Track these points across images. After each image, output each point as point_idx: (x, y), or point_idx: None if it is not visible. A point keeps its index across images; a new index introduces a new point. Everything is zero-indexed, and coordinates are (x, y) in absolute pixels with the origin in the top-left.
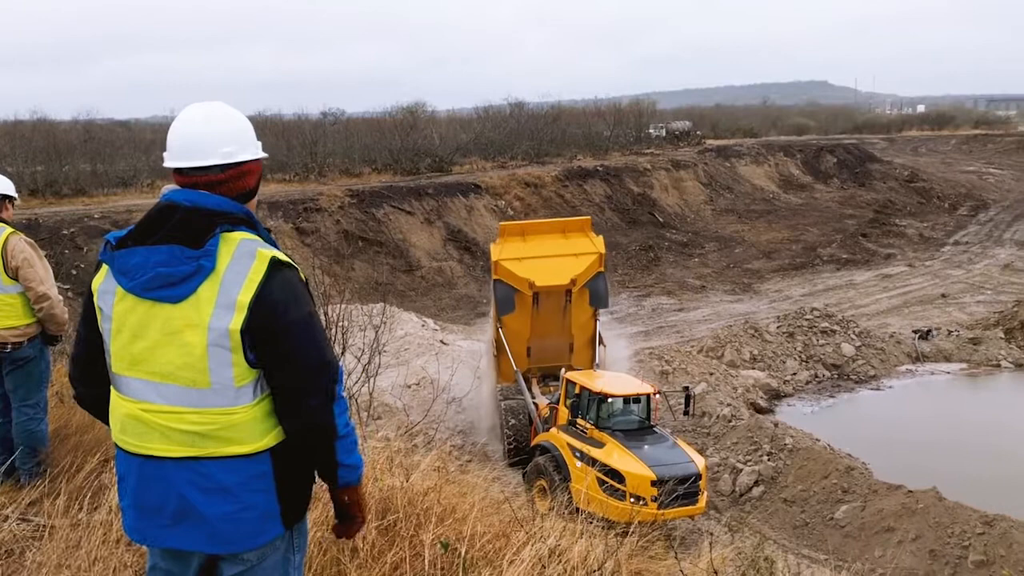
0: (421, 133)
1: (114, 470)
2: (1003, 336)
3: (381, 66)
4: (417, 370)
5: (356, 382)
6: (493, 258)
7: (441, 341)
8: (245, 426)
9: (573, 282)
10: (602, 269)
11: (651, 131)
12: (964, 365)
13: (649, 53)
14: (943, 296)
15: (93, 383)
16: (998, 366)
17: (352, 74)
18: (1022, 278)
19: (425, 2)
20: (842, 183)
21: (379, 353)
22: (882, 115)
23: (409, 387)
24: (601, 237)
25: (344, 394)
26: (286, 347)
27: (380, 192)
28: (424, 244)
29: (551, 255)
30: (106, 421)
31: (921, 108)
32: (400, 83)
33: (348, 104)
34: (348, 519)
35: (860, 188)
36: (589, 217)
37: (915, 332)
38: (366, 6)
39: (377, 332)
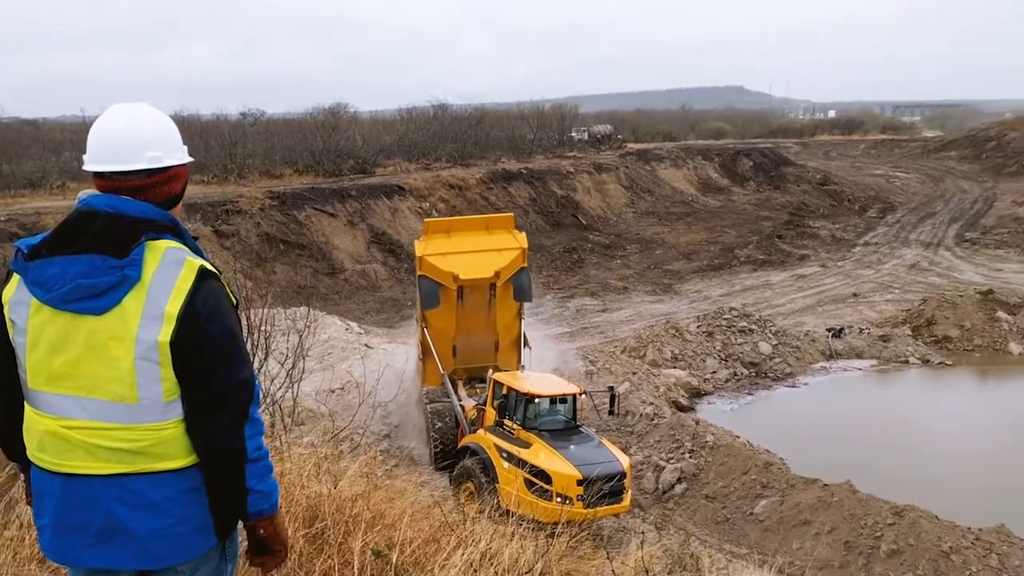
0: (343, 134)
1: (24, 487)
2: (911, 334)
3: (302, 67)
4: (342, 374)
5: (280, 387)
6: (417, 254)
7: (366, 344)
8: (175, 441)
9: (497, 275)
10: (525, 265)
11: (573, 135)
12: (875, 362)
13: (571, 58)
14: (854, 295)
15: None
16: (906, 362)
17: (272, 75)
18: (928, 277)
19: (348, 3)
20: (758, 186)
21: (303, 358)
22: (795, 120)
23: (334, 392)
24: (524, 233)
25: (260, 416)
26: (205, 361)
27: (302, 194)
28: (347, 247)
29: (475, 250)
30: (12, 439)
31: (832, 113)
32: (321, 84)
33: (268, 105)
34: (265, 552)
35: (775, 191)
36: (512, 214)
37: (828, 330)
38: (287, 5)
39: (301, 336)
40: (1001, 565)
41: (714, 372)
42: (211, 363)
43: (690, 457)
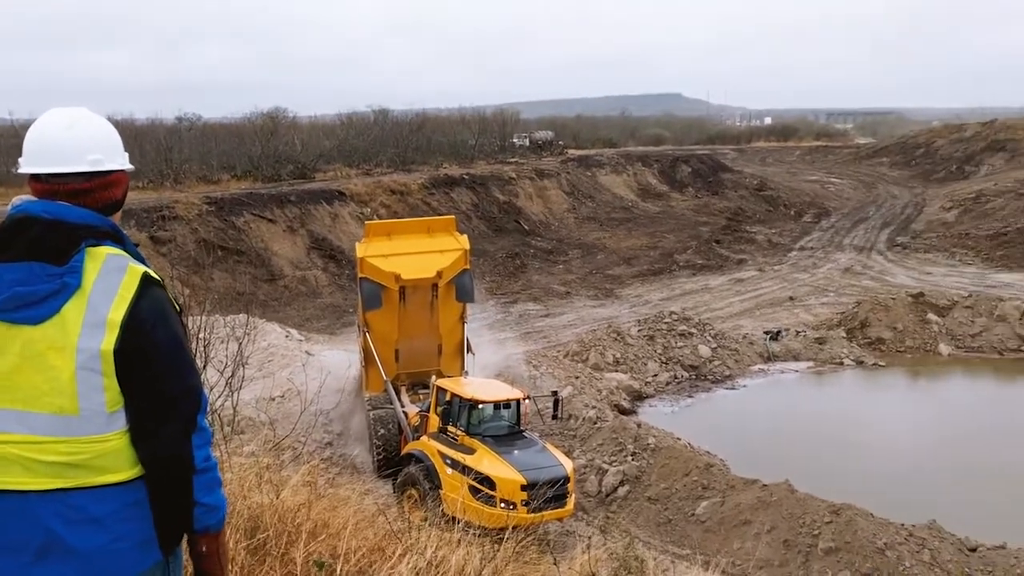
0: (282, 139)
1: None
2: (845, 336)
3: (239, 71)
4: (282, 382)
5: (219, 396)
6: (358, 255)
7: (307, 352)
8: (118, 453)
9: (439, 275)
10: (467, 266)
11: (515, 140)
12: (811, 363)
13: (511, 64)
14: (791, 299)
15: None
16: (841, 364)
17: (205, 77)
18: (861, 281)
19: (284, 6)
20: (696, 192)
21: (243, 366)
22: (732, 127)
23: (274, 400)
24: (465, 235)
25: (208, 425)
26: (151, 370)
27: (240, 199)
28: (287, 253)
29: (417, 252)
30: None
31: (768, 120)
32: (259, 88)
33: (205, 109)
34: (206, 571)
35: (713, 196)
36: (453, 217)
37: (766, 333)
38: (221, 8)
39: (240, 344)
40: (933, 560)
41: (655, 375)
42: (158, 371)
43: (632, 460)
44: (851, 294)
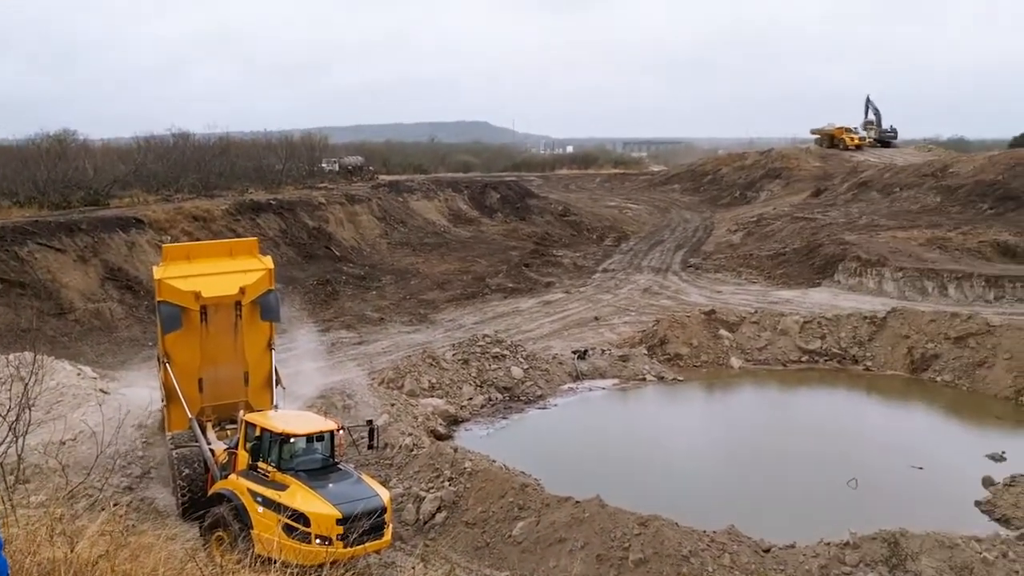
0: (72, 164)
1: None
2: (646, 352)
3: (23, 89)
4: (75, 424)
5: (1, 443)
6: (156, 278)
7: (101, 390)
8: None
9: (243, 292)
10: (272, 286)
11: (324, 166)
12: (616, 380)
13: (318, 89)
14: (596, 319)
15: None
16: (644, 379)
17: None
18: (659, 300)
19: (73, 22)
20: (505, 217)
21: (28, 408)
22: (537, 155)
23: (65, 444)
24: (270, 257)
25: None
26: None
27: (23, 228)
28: (78, 284)
29: (218, 272)
30: None
31: (570, 149)
32: (45, 107)
33: None
34: None
35: (521, 222)
36: (256, 239)
37: (574, 352)
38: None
39: (26, 385)
40: (733, 563)
41: (470, 399)
42: None
43: (450, 485)
44: (651, 313)
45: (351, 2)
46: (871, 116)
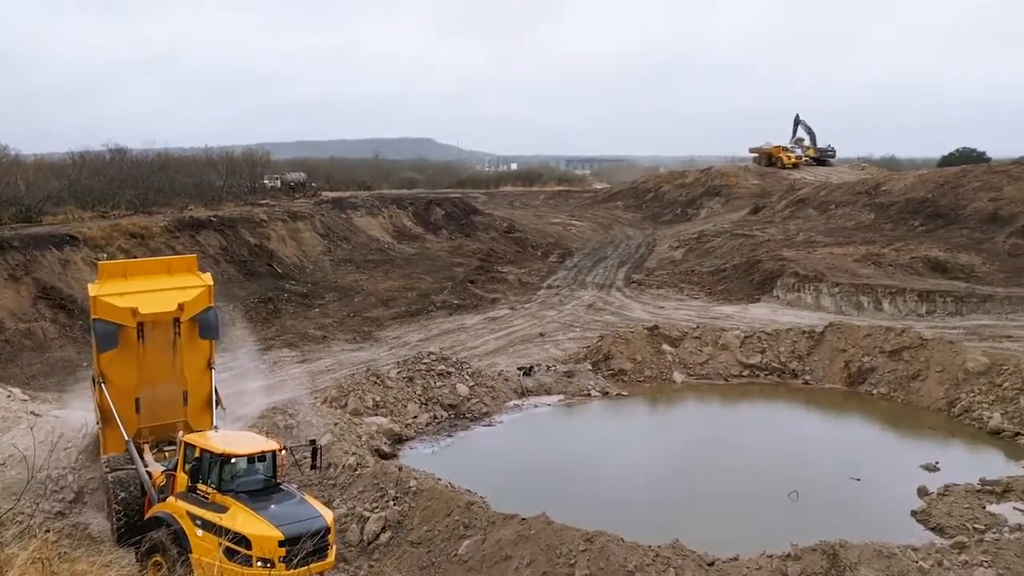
0: (3, 179)
1: None
2: (591, 368)
3: None
4: (3, 448)
5: None
6: (91, 295)
7: (33, 412)
8: None
9: (181, 308)
10: (212, 304)
11: (266, 182)
12: (562, 396)
13: (259, 105)
14: (541, 335)
15: None
16: (589, 395)
17: None
18: (603, 316)
19: (2, 32)
20: (450, 234)
21: None
22: (482, 172)
23: None
24: (209, 274)
25: None
26: None
27: None
28: (8, 303)
29: (156, 289)
30: None
31: (514, 166)
32: None
33: None
34: None
35: (466, 238)
36: (195, 256)
37: (519, 369)
38: None
39: None
40: None
41: (415, 417)
42: None
43: (394, 504)
44: (595, 329)
45: (296, 18)
46: (801, 134)
